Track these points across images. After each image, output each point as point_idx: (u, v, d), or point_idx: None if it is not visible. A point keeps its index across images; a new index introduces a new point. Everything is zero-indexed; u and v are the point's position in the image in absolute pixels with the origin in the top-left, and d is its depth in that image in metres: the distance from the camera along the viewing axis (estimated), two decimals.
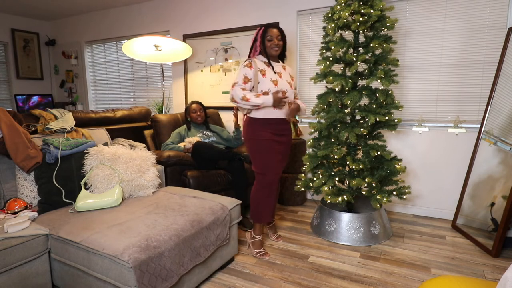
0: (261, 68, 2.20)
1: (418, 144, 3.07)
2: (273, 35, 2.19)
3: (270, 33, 2.19)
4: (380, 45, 2.37)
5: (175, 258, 1.63)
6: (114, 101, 5.20)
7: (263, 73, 2.19)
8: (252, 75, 2.17)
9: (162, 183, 2.63)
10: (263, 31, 2.21)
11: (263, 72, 2.19)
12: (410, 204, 3.17)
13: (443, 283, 1.16)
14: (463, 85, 2.89)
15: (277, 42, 2.20)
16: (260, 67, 2.20)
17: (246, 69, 2.17)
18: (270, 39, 2.20)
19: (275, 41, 2.20)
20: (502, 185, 2.35)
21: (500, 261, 2.26)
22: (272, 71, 2.22)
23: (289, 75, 2.34)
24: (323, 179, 2.54)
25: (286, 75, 2.30)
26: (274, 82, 2.20)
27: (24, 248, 1.62)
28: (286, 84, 2.25)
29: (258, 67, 2.19)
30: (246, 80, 2.16)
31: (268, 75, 2.20)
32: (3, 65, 5.22)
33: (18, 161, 1.99)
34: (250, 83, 2.17)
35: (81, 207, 1.94)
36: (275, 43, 2.20)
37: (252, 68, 2.17)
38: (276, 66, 2.27)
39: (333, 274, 2.10)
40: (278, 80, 2.22)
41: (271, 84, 2.19)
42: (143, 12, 4.55)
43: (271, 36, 2.19)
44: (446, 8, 2.87)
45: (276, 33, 2.20)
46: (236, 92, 2.12)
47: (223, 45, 3.95)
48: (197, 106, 3.24)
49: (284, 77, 2.27)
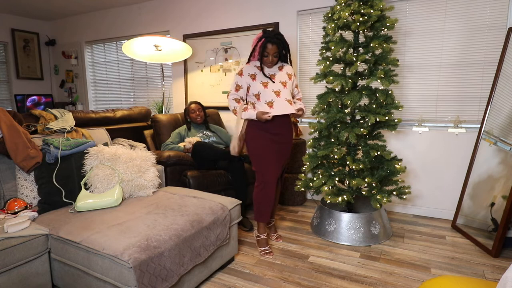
0: (251, 73, 2.30)
1: (418, 144, 3.07)
2: (270, 53, 2.23)
3: (267, 50, 2.23)
4: (380, 45, 2.36)
5: (175, 258, 1.63)
6: (114, 101, 5.20)
7: (253, 78, 2.30)
8: (243, 82, 2.32)
9: (162, 183, 2.63)
10: (262, 44, 2.22)
11: (253, 76, 2.30)
12: (410, 204, 3.17)
13: (443, 283, 1.16)
14: (463, 85, 2.89)
15: (271, 59, 2.26)
16: (250, 72, 2.31)
17: (237, 77, 2.34)
18: (266, 56, 2.25)
19: (270, 58, 2.25)
20: (502, 185, 2.35)
21: (500, 261, 2.26)
22: (263, 74, 2.28)
23: (286, 74, 2.33)
24: (323, 179, 2.54)
25: (281, 76, 2.31)
26: (264, 85, 2.26)
27: (24, 248, 1.62)
28: (279, 85, 2.28)
29: (248, 72, 2.31)
30: (237, 88, 2.34)
31: (258, 78, 2.28)
32: (3, 65, 5.22)
33: (18, 161, 1.99)
34: (242, 89, 2.33)
35: (81, 207, 1.94)
36: (269, 60, 2.26)
37: (242, 75, 2.32)
38: (269, 69, 2.32)
39: (333, 274, 2.10)
40: (269, 82, 2.26)
41: (261, 87, 2.26)
42: (143, 12, 4.55)
43: (267, 53, 2.24)
44: (446, 8, 2.87)
45: (273, 51, 2.23)
46: (229, 103, 2.37)
47: (223, 45, 3.95)
48: (196, 106, 3.25)
49: (278, 78, 2.30)
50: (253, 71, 2.30)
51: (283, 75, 2.32)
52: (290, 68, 2.39)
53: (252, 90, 2.29)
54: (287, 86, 2.30)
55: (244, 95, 2.35)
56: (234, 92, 2.35)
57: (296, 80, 2.44)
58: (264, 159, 2.28)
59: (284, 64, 2.38)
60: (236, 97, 2.35)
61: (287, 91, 2.30)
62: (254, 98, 2.29)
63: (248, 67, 2.33)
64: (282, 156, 2.37)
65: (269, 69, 2.32)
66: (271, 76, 2.29)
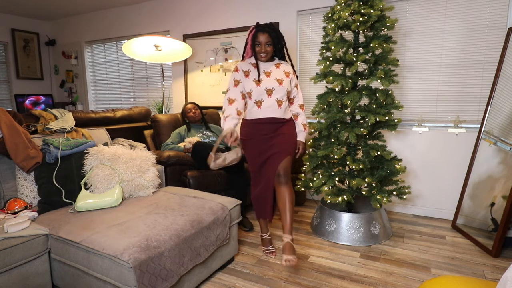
0: (245, 70, 2.22)
1: (418, 144, 3.07)
2: (262, 42, 2.13)
3: (259, 39, 2.13)
4: (380, 45, 2.36)
5: (175, 258, 1.63)
6: (114, 101, 5.20)
7: (246, 74, 2.21)
8: (240, 77, 2.22)
9: (162, 183, 2.63)
10: (253, 35, 2.14)
11: (247, 73, 2.21)
12: (410, 204, 3.17)
13: (443, 283, 1.16)
14: (463, 85, 2.89)
15: (264, 49, 2.14)
16: (244, 68, 2.22)
17: (234, 73, 2.24)
18: (258, 45, 2.14)
19: (263, 48, 2.14)
20: (502, 185, 2.35)
21: (500, 261, 2.26)
22: (257, 71, 2.18)
23: (283, 72, 2.21)
24: (323, 179, 2.54)
25: (277, 73, 2.20)
26: (256, 83, 2.16)
27: (24, 248, 1.62)
28: (273, 83, 2.16)
29: (243, 69, 2.23)
30: (236, 83, 2.21)
31: (252, 75, 2.19)
32: (3, 65, 5.22)
33: (18, 161, 1.99)
34: (241, 83, 2.21)
35: (81, 207, 1.94)
36: (262, 50, 2.14)
37: (238, 71, 2.23)
38: (265, 66, 2.22)
39: (333, 274, 2.10)
40: (263, 79, 2.16)
41: (253, 84, 2.16)
42: (143, 12, 4.55)
43: (259, 42, 2.13)
44: (446, 8, 2.87)
45: (265, 40, 2.12)
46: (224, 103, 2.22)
47: (223, 45, 3.95)
48: (192, 105, 3.29)
49: (273, 76, 2.18)
50: (247, 68, 2.21)
51: (280, 73, 2.21)
52: (288, 66, 2.28)
53: (245, 87, 2.19)
54: (283, 84, 2.17)
55: (243, 89, 2.21)
56: (233, 89, 2.20)
57: (296, 79, 2.31)
58: (252, 158, 2.25)
59: (282, 62, 2.27)
60: (232, 97, 2.18)
61: (282, 89, 2.17)
62: (247, 96, 2.22)
63: (242, 64, 2.24)
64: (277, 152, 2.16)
65: (265, 65, 2.21)
66: (266, 73, 2.19)
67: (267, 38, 2.13)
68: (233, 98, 2.18)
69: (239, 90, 2.20)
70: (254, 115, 2.20)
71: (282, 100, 2.18)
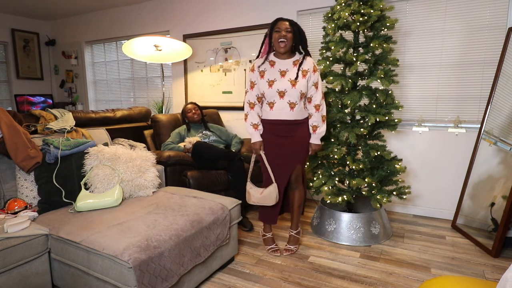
0: (262, 69, 2.16)
1: (418, 144, 3.07)
2: (282, 28, 2.03)
3: (279, 25, 2.04)
4: (380, 45, 2.36)
5: (175, 258, 1.63)
6: (114, 101, 5.20)
7: (262, 75, 2.15)
8: (256, 78, 2.18)
9: (162, 183, 2.63)
10: (273, 23, 2.08)
11: (262, 73, 2.15)
12: (410, 204, 3.17)
13: (443, 283, 1.16)
14: (463, 85, 2.89)
15: (284, 34, 2.02)
16: (261, 67, 2.16)
17: (250, 73, 2.21)
18: (278, 31, 2.04)
19: (283, 33, 2.02)
20: (502, 185, 2.35)
21: (500, 261, 2.26)
22: (273, 70, 2.12)
23: (300, 71, 2.10)
24: (323, 179, 2.54)
25: (292, 73, 2.10)
26: (269, 83, 2.11)
27: (24, 248, 1.62)
28: (286, 84, 2.08)
29: (259, 67, 2.17)
30: (252, 85, 2.20)
31: (266, 76, 2.13)
32: (3, 65, 5.22)
33: (18, 161, 1.99)
34: (256, 86, 2.19)
35: (81, 207, 1.94)
36: (282, 35, 2.02)
37: (254, 71, 2.19)
38: (282, 64, 2.12)
39: (333, 274, 2.10)
40: (276, 80, 2.09)
41: (266, 86, 2.12)
42: (143, 12, 4.55)
43: (279, 28, 2.04)
44: (446, 8, 2.87)
45: (286, 26, 2.03)
46: (244, 106, 2.24)
47: (223, 45, 3.95)
48: (192, 105, 3.29)
49: (288, 76, 2.09)
50: (263, 67, 2.14)
51: (296, 72, 2.10)
52: (309, 62, 2.13)
53: (259, 89, 2.16)
54: (296, 86, 2.08)
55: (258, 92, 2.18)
56: (250, 92, 2.19)
57: (315, 76, 2.15)
58: (268, 161, 2.22)
59: (302, 58, 2.13)
60: (251, 100, 2.18)
61: (295, 91, 2.08)
62: (262, 96, 2.19)
63: (259, 61, 2.18)
64: (291, 160, 2.22)
65: (282, 63, 2.12)
66: (281, 72, 2.11)
67: (288, 25, 2.05)
68: (252, 102, 2.20)
69: (255, 94, 2.20)
70: (268, 116, 2.20)
71: (295, 102, 2.11)
